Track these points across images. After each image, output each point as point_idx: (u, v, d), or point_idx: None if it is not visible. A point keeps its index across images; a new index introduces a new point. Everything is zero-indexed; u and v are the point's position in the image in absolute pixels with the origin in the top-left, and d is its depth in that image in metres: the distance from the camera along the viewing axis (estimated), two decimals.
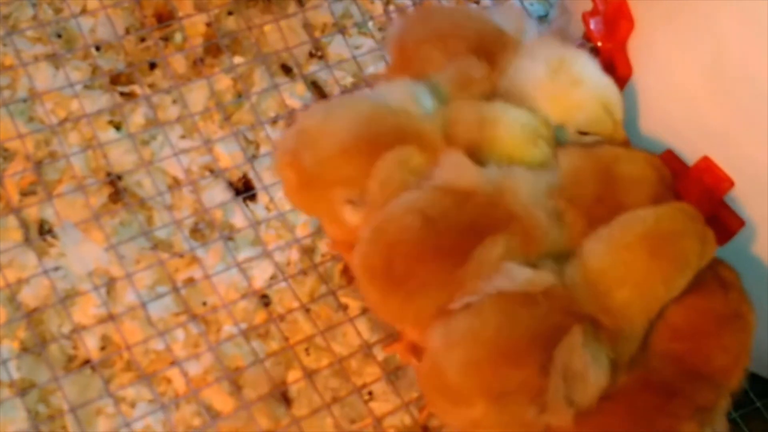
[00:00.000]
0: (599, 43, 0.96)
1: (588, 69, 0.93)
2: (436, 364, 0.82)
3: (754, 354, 0.88)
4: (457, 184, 0.85)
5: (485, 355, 0.80)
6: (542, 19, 1.26)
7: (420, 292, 0.84)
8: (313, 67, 1.17)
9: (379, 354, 1.03)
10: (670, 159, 0.92)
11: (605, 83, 0.93)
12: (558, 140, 0.92)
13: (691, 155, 0.91)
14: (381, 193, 0.87)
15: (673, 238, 0.83)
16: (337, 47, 1.19)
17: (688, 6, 0.88)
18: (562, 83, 0.92)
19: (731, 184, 0.89)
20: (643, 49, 0.93)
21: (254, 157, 1.11)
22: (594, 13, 0.98)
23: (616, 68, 0.95)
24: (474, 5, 1.24)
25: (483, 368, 0.80)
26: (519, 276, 0.82)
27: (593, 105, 0.92)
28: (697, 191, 0.90)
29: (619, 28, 0.94)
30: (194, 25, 1.16)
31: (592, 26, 0.97)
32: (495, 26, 1.00)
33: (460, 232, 0.84)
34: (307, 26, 1.19)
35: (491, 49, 0.97)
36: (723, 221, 0.90)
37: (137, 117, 1.10)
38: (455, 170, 0.86)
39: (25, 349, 0.97)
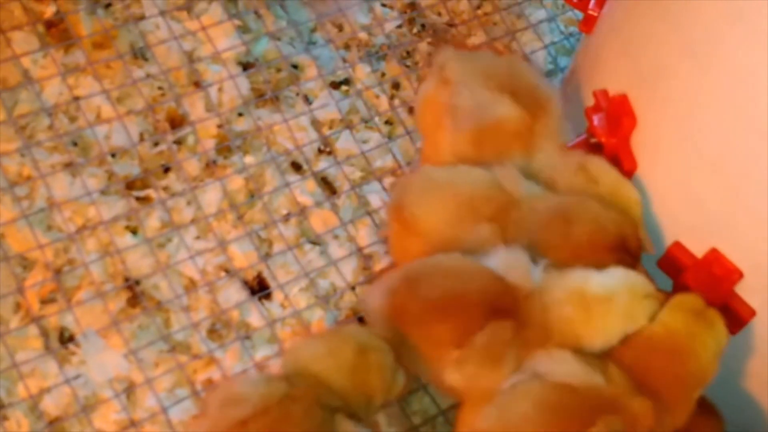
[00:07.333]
0: (603, 139, 0.98)
1: (606, 283, 0.89)
2: None
3: None
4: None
5: None
6: None
7: None
8: (322, 164, 1.20)
9: None
10: (678, 251, 0.94)
11: (625, 279, 0.89)
12: None
13: (699, 247, 0.93)
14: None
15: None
16: (345, 143, 1.22)
17: (688, 102, 0.90)
18: (593, 314, 0.88)
19: (740, 275, 0.90)
20: (647, 144, 0.96)
21: (268, 255, 1.13)
22: (596, 109, 1.00)
23: (621, 163, 0.97)
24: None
25: None
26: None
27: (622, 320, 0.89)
28: (707, 282, 0.91)
29: (621, 123, 0.96)
30: (206, 128, 1.18)
31: (595, 122, 0.99)
32: (500, 279, 0.90)
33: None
34: (315, 123, 1.22)
35: (507, 306, 0.89)
36: (734, 311, 0.92)
37: (153, 221, 1.12)
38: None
39: None
